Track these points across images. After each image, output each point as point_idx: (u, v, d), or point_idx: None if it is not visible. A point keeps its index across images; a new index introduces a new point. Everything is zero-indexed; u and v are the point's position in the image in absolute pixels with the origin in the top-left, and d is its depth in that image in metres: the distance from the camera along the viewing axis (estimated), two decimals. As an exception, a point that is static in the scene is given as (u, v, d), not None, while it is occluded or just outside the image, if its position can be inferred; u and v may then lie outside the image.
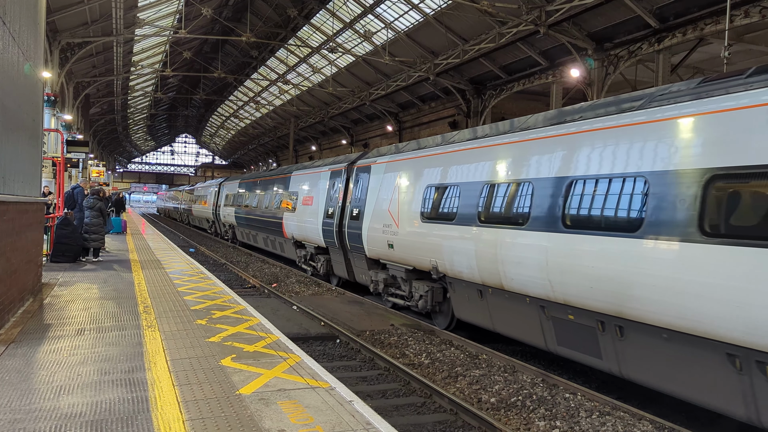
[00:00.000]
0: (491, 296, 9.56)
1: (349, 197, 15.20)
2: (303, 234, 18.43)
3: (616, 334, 7.16)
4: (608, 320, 7.21)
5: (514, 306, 9.05)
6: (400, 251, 12.26)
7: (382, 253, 13.19)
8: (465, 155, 10.51)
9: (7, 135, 7.34)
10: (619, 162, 7.16)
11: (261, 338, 7.14)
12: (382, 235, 12.99)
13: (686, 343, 6.19)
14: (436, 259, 10.89)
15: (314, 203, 17.58)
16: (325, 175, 17.35)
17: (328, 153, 50.93)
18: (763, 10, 15.62)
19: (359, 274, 14.95)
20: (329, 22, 31.46)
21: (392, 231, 12.58)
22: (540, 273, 8.16)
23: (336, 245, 15.79)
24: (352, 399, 5.12)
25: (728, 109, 6.02)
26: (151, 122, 77.07)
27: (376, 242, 13.35)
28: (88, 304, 9.12)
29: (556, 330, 8.31)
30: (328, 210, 16.39)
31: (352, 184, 15.23)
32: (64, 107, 30.77)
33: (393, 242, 12.51)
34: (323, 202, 16.89)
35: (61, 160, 18.21)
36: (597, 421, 6.87)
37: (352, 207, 14.85)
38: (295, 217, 19.07)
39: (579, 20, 20.67)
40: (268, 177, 24.21)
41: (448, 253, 10.47)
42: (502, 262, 8.98)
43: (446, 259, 10.54)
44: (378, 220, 13.28)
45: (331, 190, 16.49)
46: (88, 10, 23.57)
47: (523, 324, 9.02)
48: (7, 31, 7.19)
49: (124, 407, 4.73)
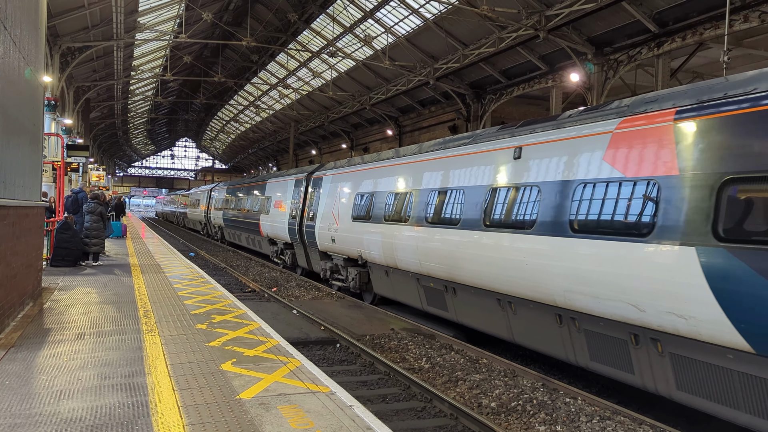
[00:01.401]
0: (392, 274, 13.15)
1: (307, 202, 18.50)
2: (275, 232, 21.88)
3: (453, 294, 10.76)
4: (448, 284, 10.83)
5: (403, 280, 12.62)
6: (339, 244, 15.66)
7: (328, 247, 16.52)
8: (379, 171, 14.06)
9: (8, 139, 7.35)
10: (452, 179, 10.91)
11: (261, 343, 7.14)
12: (328, 232, 16.35)
13: (481, 294, 9.86)
14: (361, 249, 14.36)
15: (284, 207, 20.82)
16: (291, 183, 20.72)
17: (329, 157, 50.95)
18: (762, 14, 15.65)
19: (315, 264, 18.26)
20: (329, 26, 31.52)
21: (334, 229, 15.92)
22: (414, 256, 11.74)
23: (298, 241, 19.16)
24: (353, 403, 5.12)
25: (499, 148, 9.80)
26: (152, 126, 77.08)
27: (324, 238, 16.68)
28: (88, 308, 9.11)
29: (426, 294, 11.89)
30: (292, 212, 19.74)
31: (310, 191, 18.55)
32: (65, 111, 30.80)
33: (335, 238, 15.86)
34: (289, 205, 20.20)
35: (62, 164, 18.19)
36: (597, 425, 6.85)
37: (309, 210, 18.14)
38: (269, 218, 22.44)
39: (579, 25, 20.72)
40: (250, 184, 27.80)
41: (367, 244, 13.95)
42: (395, 249, 12.54)
43: (366, 249, 14.04)
44: (325, 221, 16.60)
45: (295, 196, 19.84)
46: (89, 14, 23.61)
47: (408, 292, 12.63)
48: (9, 36, 7.20)
49: (124, 412, 4.73)
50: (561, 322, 8.17)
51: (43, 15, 10.70)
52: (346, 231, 15.11)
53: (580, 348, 7.97)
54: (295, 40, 35.80)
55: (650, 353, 6.85)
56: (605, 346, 7.52)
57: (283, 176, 22.49)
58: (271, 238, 22.86)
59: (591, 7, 18.61)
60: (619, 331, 7.21)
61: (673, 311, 6.33)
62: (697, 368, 6.30)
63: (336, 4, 29.66)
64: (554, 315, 8.24)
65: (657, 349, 6.75)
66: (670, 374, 6.65)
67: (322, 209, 16.95)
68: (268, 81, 44.10)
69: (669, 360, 6.63)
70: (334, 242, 15.92)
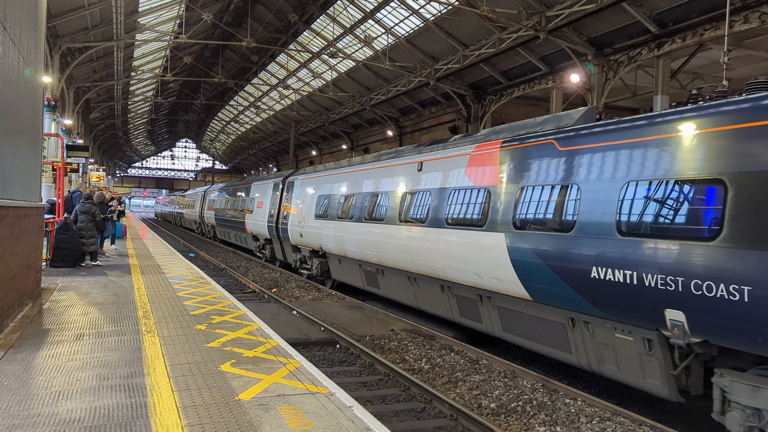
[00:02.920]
0: (343, 262, 15.99)
1: (282, 203, 21.30)
2: (257, 230, 24.46)
3: (382, 275, 13.72)
4: (379, 267, 13.65)
5: (351, 266, 15.48)
6: (305, 239, 18.57)
7: (297, 241, 19.44)
8: (335, 177, 17.01)
9: (7, 140, 7.34)
10: (380, 185, 13.87)
11: (260, 343, 7.13)
12: (297, 229, 19.20)
13: (399, 274, 12.81)
14: (321, 242, 17.15)
15: (264, 207, 23.51)
16: (270, 186, 23.40)
17: (329, 158, 50.96)
18: (762, 15, 15.64)
19: (288, 257, 21.26)
20: (330, 27, 31.52)
21: (302, 225, 18.76)
22: (356, 246, 14.61)
23: (275, 237, 21.94)
24: (352, 404, 5.11)
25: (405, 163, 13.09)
26: (152, 127, 77.07)
27: (294, 234, 19.54)
28: (88, 309, 9.10)
29: (365, 276, 14.76)
30: (270, 212, 22.41)
31: (285, 194, 21.27)
32: (65, 112, 30.79)
33: (302, 233, 18.78)
34: (268, 206, 22.87)
35: (61, 165, 18.18)
36: (597, 426, 6.84)
37: (283, 209, 21.03)
38: (253, 217, 25.05)
39: (579, 26, 20.71)
40: (237, 186, 30.57)
41: (325, 238, 16.73)
42: (344, 241, 15.37)
43: (324, 242, 16.85)
44: (295, 219, 19.46)
45: (273, 198, 22.45)
46: (89, 15, 23.60)
47: (354, 276, 15.49)
48: (8, 36, 7.20)
49: (123, 413, 4.72)
50: (443, 291, 11.25)
51: (43, 15, 10.69)
52: (310, 227, 17.99)
53: (454, 308, 11.04)
54: (296, 40, 35.81)
55: (488, 307, 9.95)
56: (466, 305, 10.62)
57: (264, 180, 25.20)
58: (254, 235, 25.51)
59: (591, 8, 18.60)
60: (472, 294, 10.28)
61: (496, 276, 9.28)
62: (510, 315, 9.41)
63: (336, 5, 29.66)
64: (439, 285, 11.29)
65: (491, 303, 9.82)
66: (498, 321, 9.75)
67: (293, 209, 19.96)
68: (268, 82, 44.09)
69: (497, 311, 9.74)
70: (302, 237, 18.88)
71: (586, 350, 7.95)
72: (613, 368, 7.55)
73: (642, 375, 7.12)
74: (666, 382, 6.79)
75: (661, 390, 6.86)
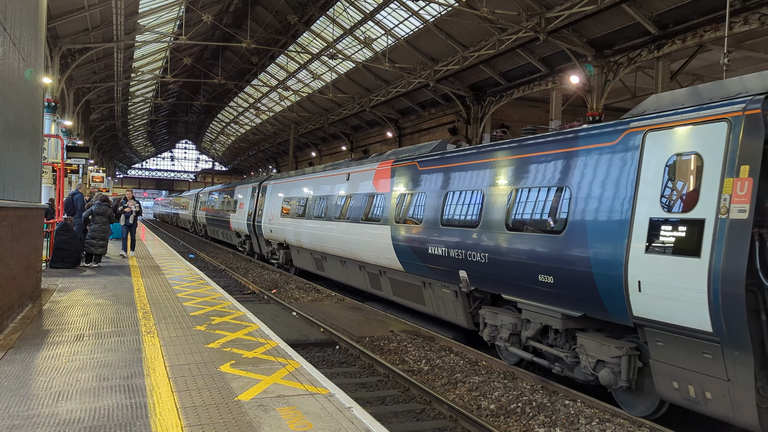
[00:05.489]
0: (301, 252, 19.48)
1: (258, 203, 24.49)
2: (239, 228, 27.81)
3: (326, 260, 17.10)
4: (324, 255, 17.15)
5: (306, 255, 18.97)
6: (274, 234, 21.98)
7: (269, 236, 22.83)
8: (296, 183, 20.60)
9: (8, 141, 7.35)
10: (326, 190, 17.34)
11: (260, 344, 7.13)
12: (269, 225, 22.49)
13: (335, 259, 16.26)
14: (285, 237, 20.67)
15: (244, 207, 26.86)
16: (250, 189, 26.69)
17: (328, 159, 50.94)
18: (762, 17, 15.66)
19: (263, 250, 24.67)
20: (329, 28, 31.52)
21: (271, 223, 22.16)
22: (309, 239, 17.89)
23: (253, 233, 25.29)
24: (351, 405, 5.11)
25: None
26: (152, 128, 77.05)
27: (266, 230, 22.92)
28: (87, 309, 9.11)
29: (315, 263, 18.26)
30: (249, 211, 25.79)
31: (260, 196, 24.56)
32: (65, 113, 30.79)
33: (272, 229, 22.15)
34: (247, 206, 26.17)
35: (61, 166, 18.19)
36: (597, 428, 6.84)
37: (258, 209, 24.31)
38: (236, 216, 28.35)
39: (578, 27, 20.72)
40: (224, 189, 34.21)
41: (287, 233, 20.20)
42: (300, 235, 18.73)
43: (287, 236, 20.27)
44: (267, 217, 22.79)
45: (252, 199, 25.72)
46: (89, 16, 23.60)
47: (309, 263, 18.94)
48: (8, 37, 7.21)
49: (123, 413, 4.72)
50: (360, 269, 14.85)
51: (43, 16, 10.71)
52: (277, 224, 21.39)
53: (367, 282, 14.70)
54: (295, 42, 35.82)
55: (384, 279, 13.62)
56: (373, 279, 14.30)
57: (246, 184, 28.69)
58: (237, 232, 29.05)
59: (591, 10, 18.61)
60: (376, 270, 13.93)
61: (386, 257, 12.82)
62: (395, 282, 13.13)
63: (336, 6, 29.66)
64: (358, 265, 14.91)
65: (386, 276, 13.49)
66: (390, 288, 13.51)
67: (266, 209, 23.22)
68: (268, 83, 44.09)
69: (389, 281, 13.42)
70: (271, 232, 22.30)
71: (432, 302, 11.66)
72: (443, 312, 11.28)
73: (455, 315, 10.81)
74: (465, 318, 10.50)
75: (464, 323, 10.56)
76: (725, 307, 5.65)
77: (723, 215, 5.79)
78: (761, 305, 5.69)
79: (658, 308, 6.39)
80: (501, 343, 9.41)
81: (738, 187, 5.74)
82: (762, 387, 5.71)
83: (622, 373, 7.10)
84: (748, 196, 5.63)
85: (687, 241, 6.10)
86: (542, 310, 8.37)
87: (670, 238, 6.28)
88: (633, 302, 6.67)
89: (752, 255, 5.58)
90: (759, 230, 5.62)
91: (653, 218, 6.51)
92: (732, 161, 5.84)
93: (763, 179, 5.68)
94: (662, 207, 6.47)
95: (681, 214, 6.25)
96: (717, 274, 5.71)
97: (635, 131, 7.04)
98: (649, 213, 6.58)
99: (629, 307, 6.74)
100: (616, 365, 7.18)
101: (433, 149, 12.31)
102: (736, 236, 5.65)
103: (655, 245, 6.43)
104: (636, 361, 7.13)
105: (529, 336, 8.79)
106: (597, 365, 7.52)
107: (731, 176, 5.80)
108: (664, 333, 6.48)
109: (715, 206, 5.89)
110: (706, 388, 6.13)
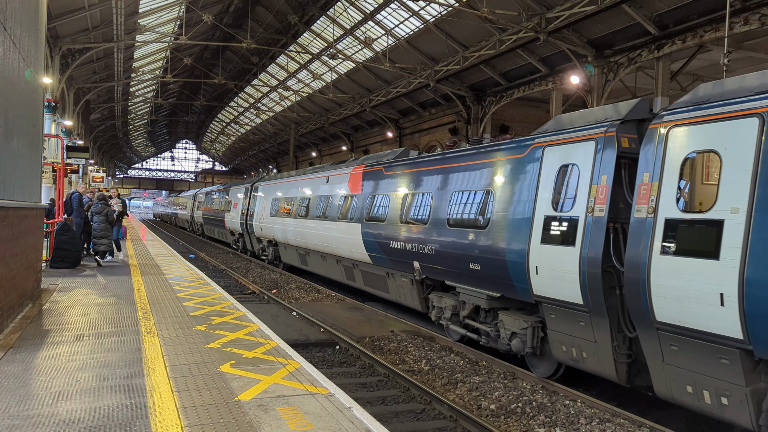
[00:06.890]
0: (287, 248, 21.01)
1: (250, 203, 26.19)
2: (233, 226, 29.56)
3: (308, 255, 18.67)
4: (307, 250, 18.61)
5: (292, 251, 20.45)
6: (264, 232, 23.57)
7: (259, 234, 24.42)
8: (282, 184, 22.29)
9: (8, 140, 7.35)
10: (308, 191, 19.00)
11: (260, 344, 7.13)
12: (259, 224, 24.11)
13: (316, 254, 17.92)
14: (273, 234, 22.19)
15: (238, 207, 28.56)
16: (243, 190, 28.37)
17: (329, 159, 50.91)
18: (762, 17, 15.64)
19: (254, 247, 26.21)
20: (330, 28, 31.52)
21: (261, 221, 23.76)
22: (294, 236, 19.48)
23: (245, 231, 26.96)
24: (352, 405, 5.11)
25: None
26: (152, 128, 77.06)
27: (257, 228, 24.48)
28: (87, 309, 9.10)
29: (300, 258, 19.74)
30: (242, 210, 27.50)
31: (251, 196, 26.27)
32: (65, 113, 30.79)
33: (262, 227, 23.79)
34: (240, 206, 27.95)
35: (61, 165, 18.18)
36: (597, 428, 6.84)
37: (250, 209, 25.98)
38: (230, 216, 30.06)
39: (579, 27, 20.71)
40: (220, 190, 35.80)
41: (275, 231, 21.72)
42: (286, 232, 20.26)
43: (276, 234, 21.79)
44: (258, 216, 24.43)
45: (244, 199, 27.41)
46: (89, 16, 23.60)
47: (294, 258, 20.42)
48: (8, 36, 7.20)
49: (123, 413, 4.72)
50: (337, 263, 16.21)
51: (43, 16, 10.70)
52: (266, 223, 22.94)
53: (343, 274, 16.08)
54: (296, 42, 35.81)
55: (356, 271, 14.95)
56: (348, 271, 15.60)
57: (239, 185, 30.34)
58: (231, 230, 30.70)
59: (591, 10, 18.60)
60: (350, 263, 15.22)
61: (358, 251, 14.23)
62: (366, 274, 14.46)
63: (336, 6, 29.66)
64: (335, 259, 16.27)
65: (358, 268, 14.79)
66: (362, 279, 14.76)
67: (257, 209, 24.82)
68: (268, 83, 44.09)
69: (360, 273, 14.73)
70: (261, 230, 23.86)
71: (394, 290, 13.09)
72: (403, 299, 12.75)
73: (412, 300, 12.32)
74: (419, 302, 12.02)
75: (419, 307, 12.06)
76: (590, 284, 7.24)
77: (590, 213, 7.37)
78: (616, 282, 7.20)
79: (550, 287, 7.99)
80: (444, 322, 11.03)
81: (599, 191, 7.31)
82: (617, 346, 7.27)
83: (528, 341, 8.63)
84: (605, 199, 7.21)
85: (567, 233, 7.69)
86: (473, 293, 9.98)
87: (557, 232, 7.88)
88: (533, 283, 8.27)
89: (607, 243, 7.14)
90: (614, 224, 7.19)
91: (546, 216, 8.13)
92: (597, 171, 7.41)
93: (617, 185, 7.22)
94: (553, 207, 8.06)
95: (564, 212, 7.85)
96: (584, 259, 7.31)
97: (538, 146, 8.64)
98: (544, 212, 8.19)
99: (531, 287, 8.33)
100: (524, 335, 8.74)
101: (398, 156, 13.77)
102: (597, 230, 7.24)
103: (546, 237, 8.04)
104: (539, 331, 8.65)
105: (465, 315, 10.34)
106: (511, 336, 9.08)
107: (596, 183, 7.38)
108: (554, 307, 8.06)
109: (585, 206, 7.47)
110: (583, 349, 7.72)
